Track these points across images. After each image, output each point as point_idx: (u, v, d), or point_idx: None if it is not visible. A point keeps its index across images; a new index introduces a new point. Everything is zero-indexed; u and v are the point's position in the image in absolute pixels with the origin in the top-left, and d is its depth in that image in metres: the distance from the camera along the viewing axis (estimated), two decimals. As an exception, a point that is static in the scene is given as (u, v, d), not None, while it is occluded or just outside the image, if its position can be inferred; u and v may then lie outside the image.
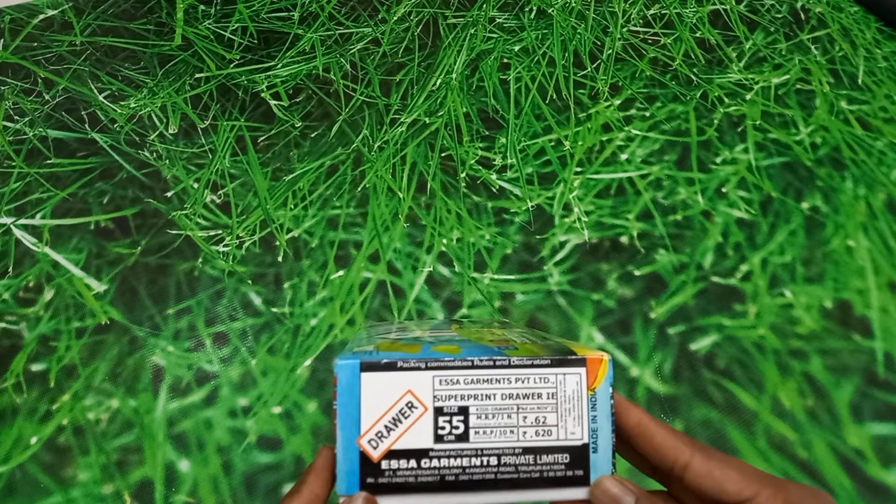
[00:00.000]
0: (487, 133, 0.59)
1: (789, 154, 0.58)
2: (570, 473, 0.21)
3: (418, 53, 0.65)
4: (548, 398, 0.22)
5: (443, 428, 0.21)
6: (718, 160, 0.58)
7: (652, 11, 0.70)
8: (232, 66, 0.63)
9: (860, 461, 0.42)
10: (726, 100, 0.62)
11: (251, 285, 0.50)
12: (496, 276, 0.50)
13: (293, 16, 0.68)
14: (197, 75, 0.62)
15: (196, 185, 0.55)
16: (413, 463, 0.21)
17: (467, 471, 0.21)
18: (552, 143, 0.58)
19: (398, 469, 0.21)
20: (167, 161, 0.56)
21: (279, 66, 0.63)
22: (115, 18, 0.67)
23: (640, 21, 0.69)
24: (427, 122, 0.59)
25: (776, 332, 0.48)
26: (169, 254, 0.51)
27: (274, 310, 0.48)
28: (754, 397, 0.45)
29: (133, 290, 0.49)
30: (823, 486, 0.41)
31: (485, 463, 0.21)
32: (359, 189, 0.55)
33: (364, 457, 0.21)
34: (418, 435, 0.21)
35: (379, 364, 0.21)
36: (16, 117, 0.59)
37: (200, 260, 0.51)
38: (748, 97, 0.62)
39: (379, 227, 0.53)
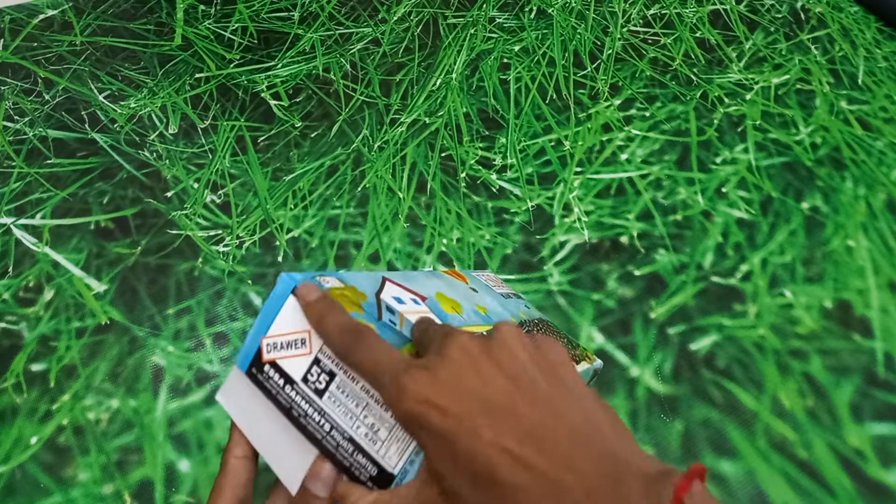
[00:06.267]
0: (487, 133, 0.59)
1: (789, 154, 0.58)
2: (370, 486, 0.22)
3: (418, 53, 0.65)
4: (392, 417, 0.22)
5: (312, 375, 0.24)
6: (718, 160, 0.58)
7: (652, 11, 0.70)
8: (232, 66, 0.63)
9: (860, 461, 0.42)
10: (726, 100, 0.62)
11: (251, 285, 0.50)
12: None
13: (293, 16, 0.68)
14: (197, 75, 0.62)
15: (196, 185, 0.55)
16: (282, 381, 0.24)
17: (308, 419, 0.23)
18: (552, 143, 0.58)
19: (271, 377, 0.25)
20: (167, 161, 0.56)
21: (279, 66, 0.63)
22: (115, 18, 0.67)
23: (640, 21, 0.69)
24: (427, 122, 0.59)
25: (776, 332, 0.48)
26: (169, 254, 0.51)
27: (274, 310, 0.48)
28: (754, 397, 0.45)
29: (133, 290, 0.49)
30: (824, 486, 0.41)
31: (321, 424, 0.23)
32: (359, 189, 0.55)
33: (259, 352, 0.25)
34: (296, 366, 0.24)
35: None
36: (16, 117, 0.59)
37: (200, 260, 0.51)
38: (748, 97, 0.62)
39: (379, 227, 0.53)
